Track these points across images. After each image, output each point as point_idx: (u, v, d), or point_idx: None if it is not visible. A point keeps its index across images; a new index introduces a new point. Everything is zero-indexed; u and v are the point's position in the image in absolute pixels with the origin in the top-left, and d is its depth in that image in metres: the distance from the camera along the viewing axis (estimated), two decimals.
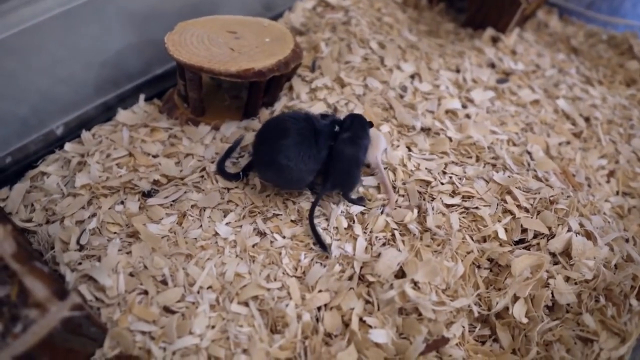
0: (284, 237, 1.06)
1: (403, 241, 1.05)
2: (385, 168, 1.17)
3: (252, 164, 1.15)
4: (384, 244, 1.05)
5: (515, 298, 0.98)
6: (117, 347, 0.87)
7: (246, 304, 0.94)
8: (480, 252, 1.04)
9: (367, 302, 0.97)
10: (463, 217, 1.10)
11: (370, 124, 1.17)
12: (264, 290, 0.95)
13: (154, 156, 1.19)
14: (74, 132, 1.29)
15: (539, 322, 0.95)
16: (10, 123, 1.18)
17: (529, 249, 1.06)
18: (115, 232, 1.04)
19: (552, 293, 0.98)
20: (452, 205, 1.12)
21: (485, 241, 1.07)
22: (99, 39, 1.25)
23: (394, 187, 1.14)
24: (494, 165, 1.23)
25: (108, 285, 0.92)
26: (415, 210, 1.10)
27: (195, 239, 1.03)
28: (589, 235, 1.07)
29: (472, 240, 1.06)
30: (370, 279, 0.98)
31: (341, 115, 1.23)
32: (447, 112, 1.37)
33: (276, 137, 1.05)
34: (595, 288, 1.00)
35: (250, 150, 1.19)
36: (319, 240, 1.04)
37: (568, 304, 0.99)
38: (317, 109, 1.30)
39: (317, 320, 0.94)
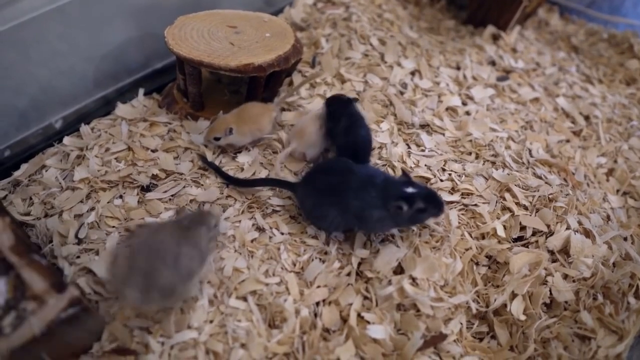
0: (282, 233, 1.06)
1: (402, 237, 1.05)
2: (384, 165, 1.17)
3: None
4: (382, 240, 1.05)
5: (514, 295, 0.98)
6: (114, 341, 0.87)
7: (244, 299, 0.94)
8: (478, 249, 1.05)
9: (366, 297, 0.97)
10: (462, 214, 1.10)
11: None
12: (263, 285, 0.95)
13: (153, 150, 1.19)
14: (73, 125, 1.28)
15: (537, 320, 0.95)
16: (9, 116, 1.18)
17: (527, 247, 1.06)
18: (113, 226, 1.04)
19: (550, 290, 0.98)
20: (451, 202, 1.12)
21: (483, 238, 1.07)
22: (98, 33, 1.25)
23: None
24: (493, 163, 1.23)
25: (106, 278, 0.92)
26: None
27: None
28: (587, 233, 1.07)
29: (471, 237, 1.06)
30: (369, 274, 0.98)
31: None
32: (447, 109, 1.37)
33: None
34: (594, 286, 1.00)
35: None
36: None
37: (566, 302, 0.99)
38: (316, 104, 1.30)
39: (315, 315, 0.94)
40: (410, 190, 0.94)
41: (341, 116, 1.15)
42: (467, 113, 1.37)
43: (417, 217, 0.97)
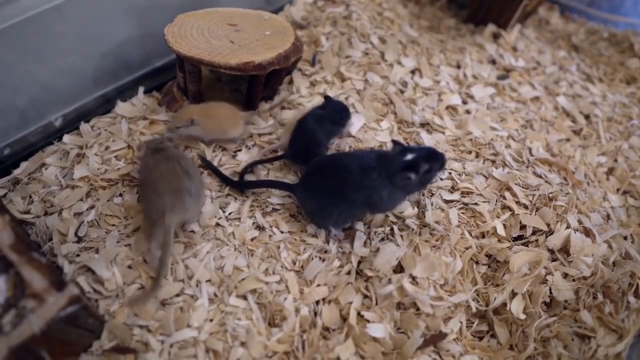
0: (282, 232, 1.06)
1: (402, 236, 1.05)
2: None
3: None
4: (382, 239, 1.05)
5: (513, 294, 0.98)
6: (114, 340, 0.87)
7: (244, 298, 0.94)
8: (478, 248, 1.05)
9: (365, 296, 0.97)
10: (462, 212, 1.10)
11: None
12: (263, 283, 0.95)
13: None
14: (73, 124, 1.28)
15: (537, 318, 0.95)
16: (8, 114, 1.18)
17: (527, 246, 1.06)
18: (113, 225, 1.04)
19: (550, 289, 0.99)
20: (451, 201, 1.12)
21: (483, 237, 1.07)
22: (98, 31, 1.24)
23: None
24: (493, 162, 1.23)
25: (106, 277, 0.92)
26: (415, 206, 1.09)
27: (194, 232, 1.03)
28: (587, 233, 1.07)
29: (471, 236, 1.06)
30: (369, 273, 0.98)
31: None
32: (447, 107, 1.37)
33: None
34: (593, 285, 1.00)
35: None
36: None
37: (566, 301, 0.99)
38: (316, 103, 1.30)
39: (315, 314, 0.94)
40: (409, 156, 0.92)
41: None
42: (467, 112, 1.37)
43: (425, 179, 0.96)
